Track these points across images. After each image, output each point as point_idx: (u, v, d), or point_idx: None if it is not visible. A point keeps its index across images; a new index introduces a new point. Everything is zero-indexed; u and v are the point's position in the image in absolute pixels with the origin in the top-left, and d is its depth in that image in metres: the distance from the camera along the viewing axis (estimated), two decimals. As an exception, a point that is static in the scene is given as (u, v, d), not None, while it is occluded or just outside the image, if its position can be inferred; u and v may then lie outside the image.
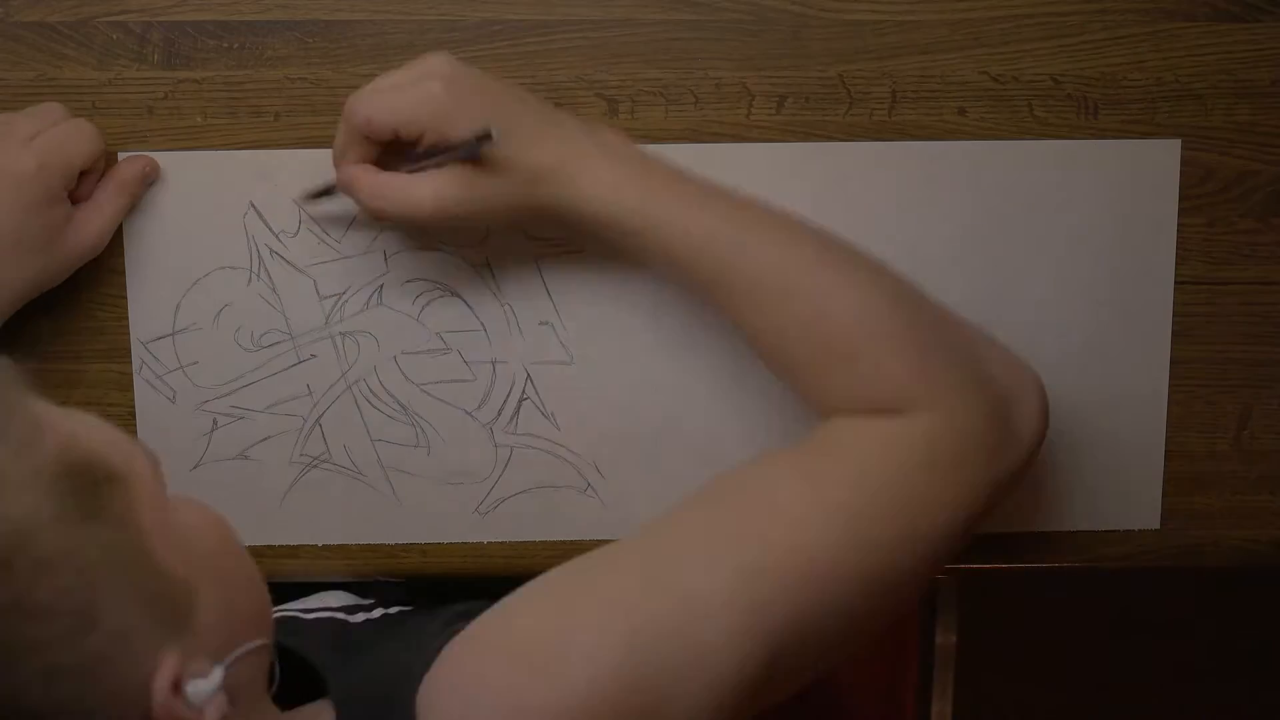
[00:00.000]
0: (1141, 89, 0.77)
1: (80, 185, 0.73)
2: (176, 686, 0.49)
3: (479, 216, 0.70)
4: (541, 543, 0.80)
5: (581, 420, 0.78)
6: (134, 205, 0.76)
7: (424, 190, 0.69)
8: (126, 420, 0.78)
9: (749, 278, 0.69)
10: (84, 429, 0.51)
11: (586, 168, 0.69)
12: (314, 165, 0.76)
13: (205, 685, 0.50)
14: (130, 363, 0.77)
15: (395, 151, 0.71)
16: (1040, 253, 0.78)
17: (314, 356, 0.78)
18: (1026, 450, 0.70)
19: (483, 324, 0.78)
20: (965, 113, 0.77)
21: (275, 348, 0.77)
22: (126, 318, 0.77)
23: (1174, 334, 0.79)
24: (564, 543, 0.79)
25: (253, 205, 0.77)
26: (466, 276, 0.77)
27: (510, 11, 0.76)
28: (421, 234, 0.77)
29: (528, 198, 0.70)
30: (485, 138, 0.65)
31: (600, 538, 0.79)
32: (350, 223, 0.77)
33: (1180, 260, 0.79)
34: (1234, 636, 1.36)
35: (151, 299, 0.77)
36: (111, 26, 0.75)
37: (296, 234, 0.77)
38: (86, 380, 0.77)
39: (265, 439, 0.78)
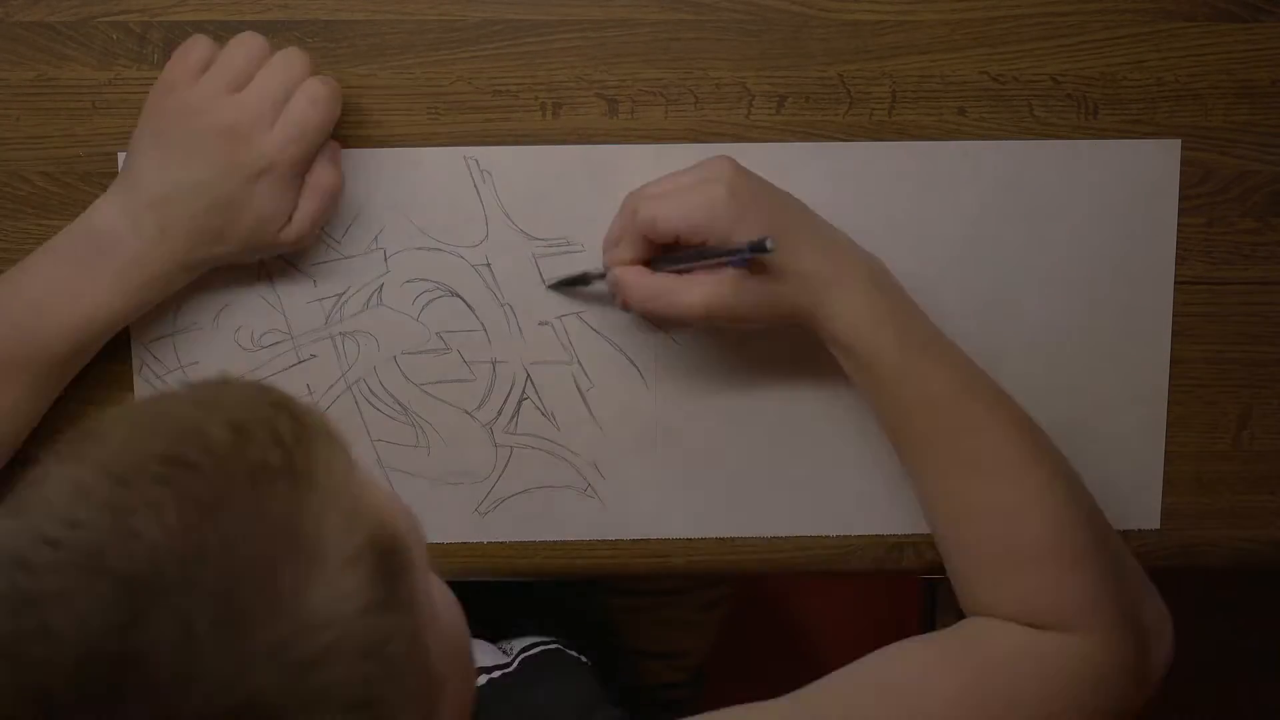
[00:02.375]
0: (1141, 89, 0.77)
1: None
2: None
3: (743, 321, 0.71)
4: (541, 543, 0.80)
5: (581, 420, 0.78)
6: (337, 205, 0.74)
7: (695, 294, 0.69)
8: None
9: (966, 453, 0.70)
10: (385, 500, 0.48)
11: (850, 293, 0.70)
12: (314, 165, 0.76)
13: None
14: (130, 363, 0.77)
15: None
16: (1040, 253, 0.78)
17: (314, 356, 0.78)
18: (1152, 689, 0.70)
19: (483, 324, 0.78)
20: (965, 113, 0.77)
21: (275, 348, 0.77)
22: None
23: (1174, 334, 0.79)
24: (564, 543, 0.79)
25: (253, 205, 0.76)
26: (466, 276, 0.77)
27: (510, 11, 0.76)
28: (421, 234, 0.77)
29: (791, 306, 0.70)
30: (761, 247, 0.65)
31: (600, 538, 0.79)
32: (350, 223, 0.77)
33: (1180, 260, 0.79)
34: (1234, 636, 1.36)
35: (151, 299, 0.77)
36: (111, 26, 0.75)
37: (296, 234, 0.77)
38: (86, 380, 0.77)
39: (265, 439, 0.78)
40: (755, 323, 0.71)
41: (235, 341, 0.77)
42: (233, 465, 0.43)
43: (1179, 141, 0.78)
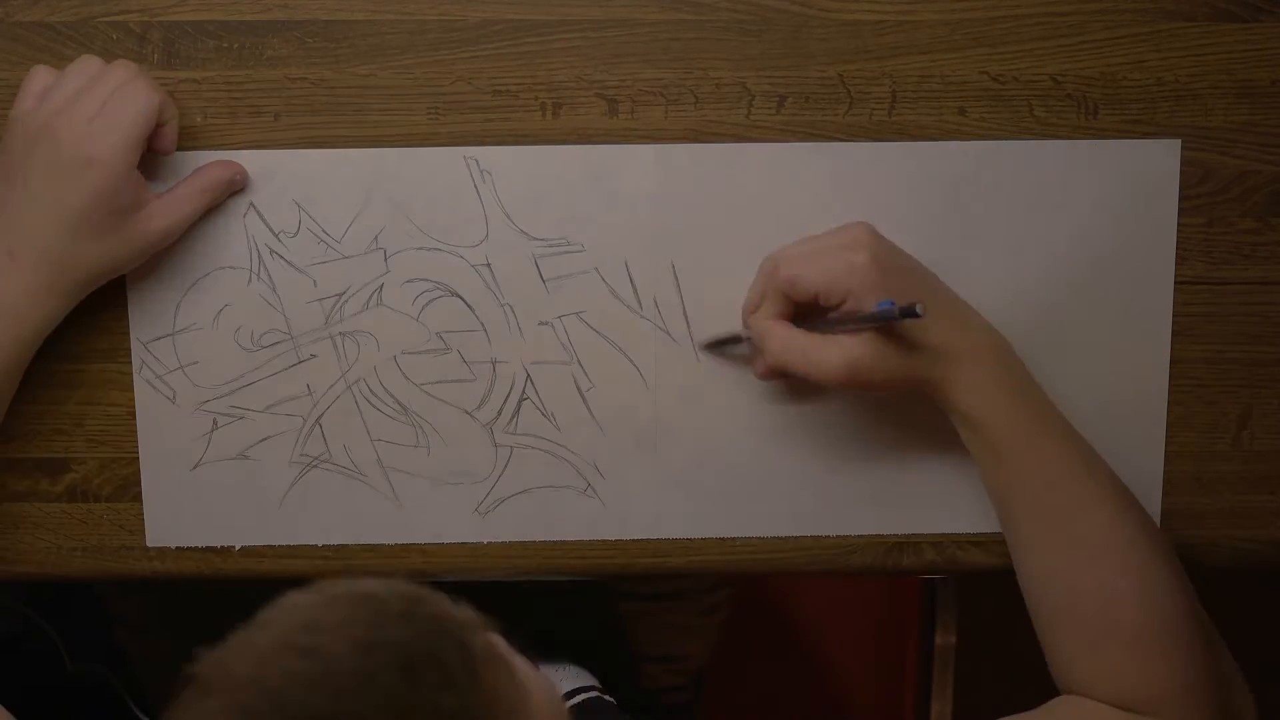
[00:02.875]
0: (1141, 89, 0.77)
1: (157, 138, 0.72)
2: None
3: (880, 385, 0.72)
4: (541, 543, 0.80)
5: (581, 420, 0.78)
6: (213, 206, 0.75)
7: (838, 355, 0.70)
8: (127, 420, 0.78)
9: (1076, 532, 0.71)
10: (543, 702, 0.48)
11: (980, 369, 0.72)
12: (314, 165, 0.76)
13: None
14: (130, 363, 0.77)
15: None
16: (1040, 253, 0.78)
17: (314, 356, 0.78)
18: None
19: (483, 324, 0.78)
20: (965, 113, 0.77)
21: (275, 348, 0.77)
22: (126, 318, 0.77)
23: (1174, 334, 0.79)
24: (564, 543, 0.79)
25: (253, 205, 0.77)
26: (466, 276, 0.77)
27: (510, 11, 0.76)
28: (421, 234, 0.77)
29: (922, 376, 0.72)
30: (911, 312, 0.66)
31: (600, 538, 0.79)
32: (350, 223, 0.77)
33: (1180, 260, 0.79)
34: (1234, 636, 1.36)
35: (151, 299, 0.77)
36: (111, 26, 0.75)
37: (296, 234, 0.77)
38: (86, 380, 0.78)
39: (265, 439, 0.78)
40: (885, 389, 0.72)
41: (235, 341, 0.77)
42: (409, 716, 0.41)
43: (1179, 141, 0.78)
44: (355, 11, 0.76)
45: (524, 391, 0.78)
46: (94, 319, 0.76)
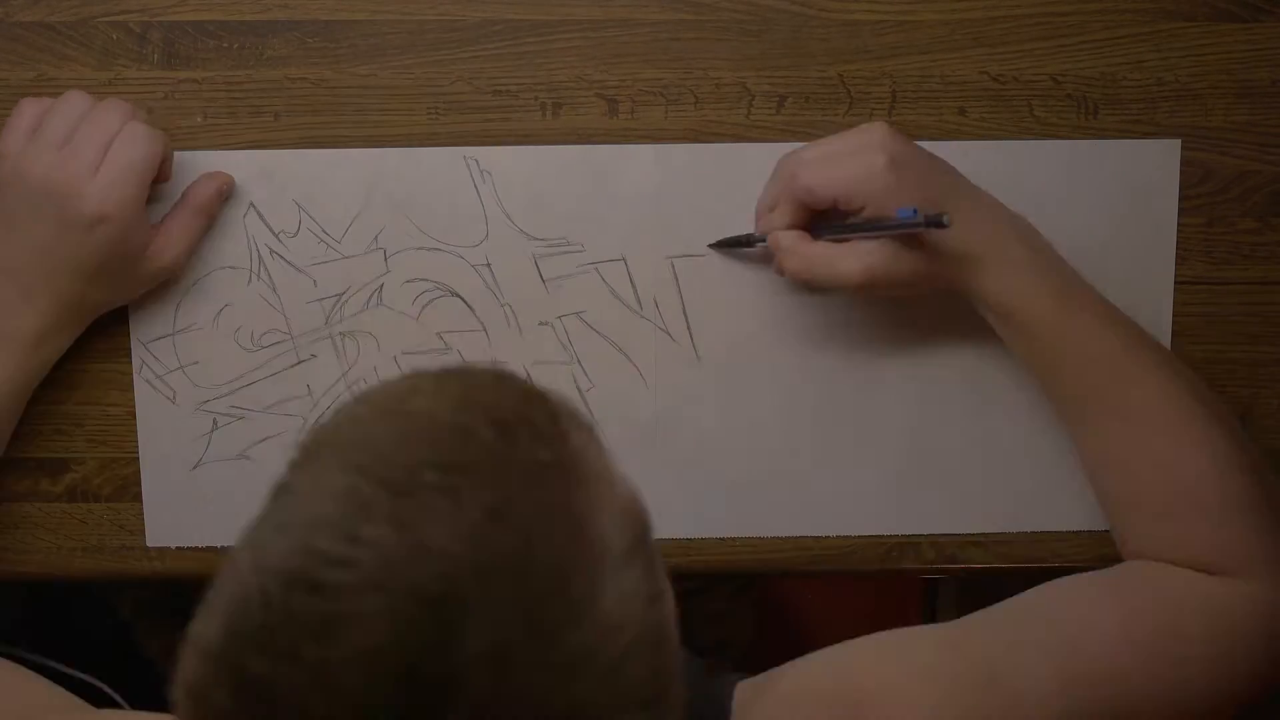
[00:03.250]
0: (1141, 89, 0.77)
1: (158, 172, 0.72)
2: None
3: (898, 290, 0.71)
4: (541, 543, 0.79)
5: (581, 420, 0.78)
6: (212, 223, 0.76)
7: (855, 264, 0.69)
8: (127, 420, 0.78)
9: (1127, 406, 0.70)
10: (629, 481, 0.48)
11: (1007, 260, 0.70)
12: (314, 165, 0.76)
13: None
14: (130, 363, 0.77)
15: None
16: (1040, 253, 0.78)
17: (314, 356, 0.78)
18: None
19: (483, 324, 0.78)
20: (965, 113, 0.77)
21: (275, 348, 0.77)
22: (126, 318, 0.77)
23: (1174, 334, 0.79)
24: (564, 543, 0.79)
25: (253, 205, 0.77)
26: (466, 276, 0.77)
27: (510, 11, 0.76)
28: (421, 234, 0.77)
29: (948, 276, 0.71)
30: (938, 222, 0.65)
31: (600, 538, 0.79)
32: (350, 223, 0.77)
33: (1180, 260, 0.79)
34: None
35: (151, 299, 0.77)
36: (111, 26, 0.75)
37: (296, 234, 0.77)
38: (86, 380, 0.77)
39: (265, 439, 0.78)
40: (910, 290, 0.71)
41: (235, 341, 0.77)
42: (507, 466, 0.42)
43: (1179, 141, 0.78)
44: (355, 11, 0.76)
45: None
46: (94, 319, 0.76)
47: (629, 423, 0.79)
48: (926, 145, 0.77)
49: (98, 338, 0.77)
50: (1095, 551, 0.80)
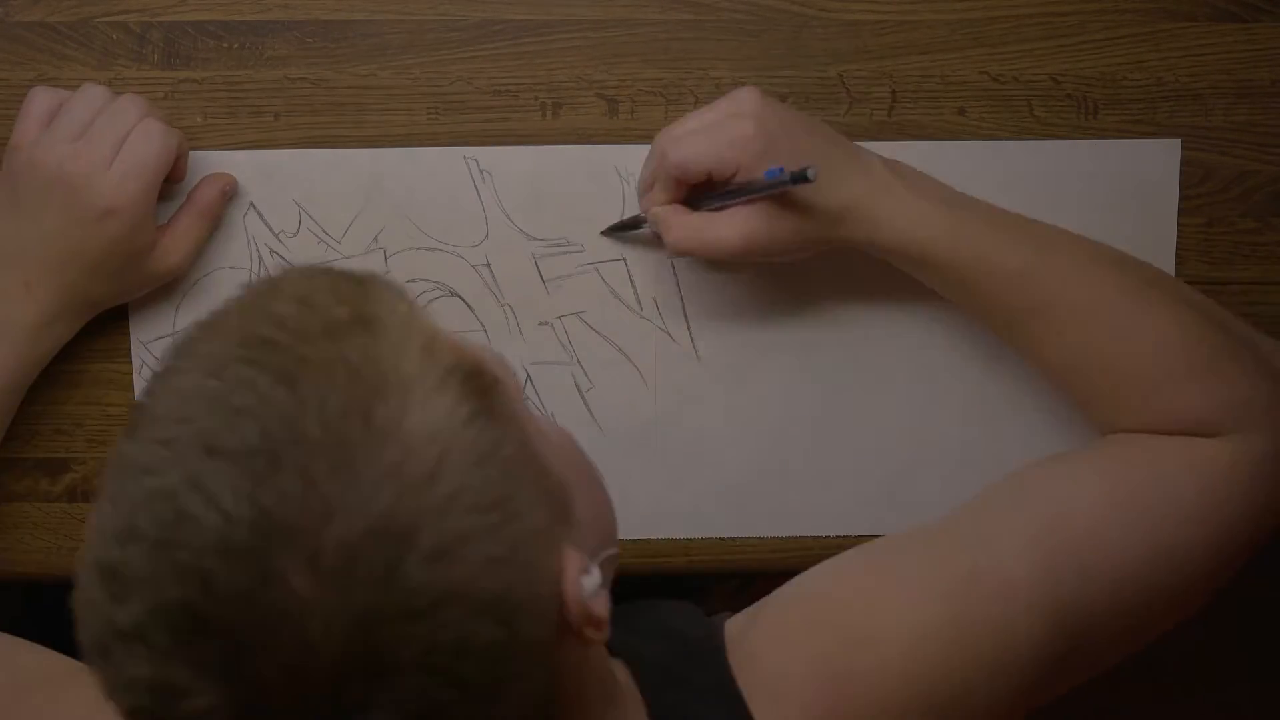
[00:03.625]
0: (1141, 89, 0.77)
1: (172, 170, 0.73)
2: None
3: (783, 251, 0.71)
4: (541, 543, 0.79)
5: (581, 420, 0.78)
6: (217, 225, 0.76)
7: (732, 230, 0.70)
8: (126, 420, 0.78)
9: (1068, 307, 0.69)
10: (462, 338, 0.52)
11: (892, 202, 0.70)
12: (314, 165, 0.76)
13: (590, 582, 0.50)
14: (130, 363, 0.77)
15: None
16: (1040, 253, 0.78)
17: (314, 356, 0.78)
18: None
19: (483, 324, 0.78)
20: (965, 113, 0.77)
21: (275, 348, 0.77)
22: (126, 318, 0.77)
23: (1174, 334, 0.79)
24: (564, 543, 0.79)
25: (253, 205, 0.77)
26: (466, 276, 0.77)
27: (510, 11, 0.76)
28: (421, 234, 0.77)
29: (833, 233, 0.70)
30: (802, 177, 0.65)
31: (600, 538, 0.79)
32: (350, 223, 0.77)
33: (1180, 260, 0.79)
34: (1234, 636, 1.36)
35: (151, 299, 0.77)
36: (111, 26, 0.75)
37: (296, 234, 0.77)
38: (86, 380, 0.77)
39: (265, 439, 0.78)
40: (795, 251, 0.71)
41: (235, 341, 0.77)
42: (306, 331, 0.46)
43: (1179, 141, 0.78)
44: (355, 11, 0.76)
45: (524, 392, 0.78)
46: (94, 319, 0.76)
47: (629, 423, 0.79)
48: (926, 145, 0.77)
49: (98, 338, 0.77)
50: (1095, 551, 0.80)
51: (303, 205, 0.77)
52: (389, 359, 0.46)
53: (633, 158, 0.76)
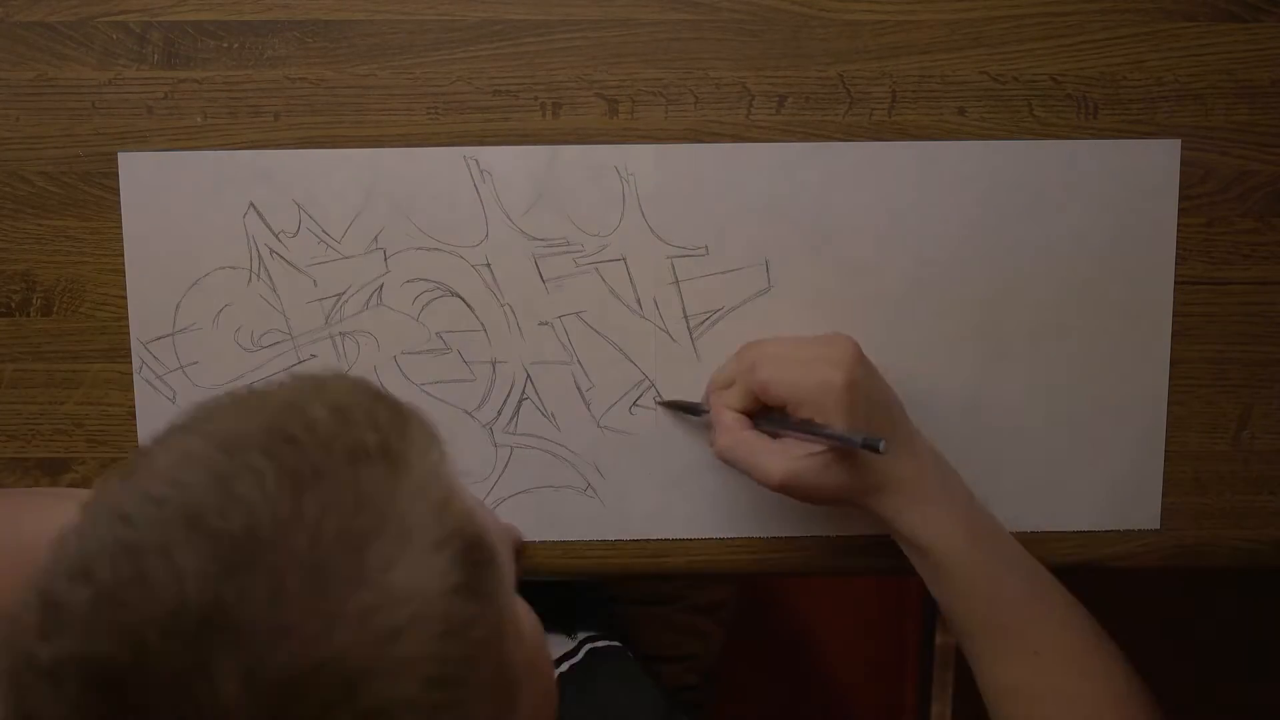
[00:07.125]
0: (1141, 89, 0.77)
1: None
2: None
3: (814, 500, 0.72)
4: (541, 543, 0.80)
5: (581, 420, 0.78)
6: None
7: (778, 463, 0.71)
8: (127, 420, 0.78)
9: (1032, 642, 0.71)
10: (478, 506, 0.51)
11: (926, 499, 0.71)
12: (314, 165, 0.76)
13: None
14: (130, 363, 0.77)
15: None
16: (1040, 253, 0.78)
17: (314, 356, 0.78)
18: None
19: (483, 324, 0.78)
20: (965, 113, 0.77)
21: (275, 348, 0.77)
22: (126, 318, 0.77)
23: (1174, 334, 0.79)
24: (564, 543, 0.79)
25: (253, 205, 0.77)
26: (466, 276, 0.77)
27: (510, 11, 0.76)
28: (421, 234, 0.77)
29: (865, 500, 0.72)
30: (872, 446, 0.65)
31: (600, 538, 0.79)
32: (350, 223, 0.77)
33: (1180, 260, 0.79)
34: (1234, 636, 1.36)
35: (151, 299, 0.77)
36: (111, 26, 0.75)
37: (296, 234, 0.77)
38: (86, 380, 0.78)
39: (265, 439, 0.78)
40: (825, 503, 0.73)
41: (235, 341, 0.77)
42: (332, 444, 0.45)
43: (1179, 141, 0.78)
44: (355, 11, 0.76)
45: (524, 391, 0.78)
46: (94, 319, 0.76)
47: (629, 422, 0.79)
48: (926, 145, 0.77)
49: (98, 338, 0.77)
50: (1096, 552, 0.80)
51: (303, 205, 0.77)
52: (401, 503, 0.45)
53: (633, 158, 0.77)
